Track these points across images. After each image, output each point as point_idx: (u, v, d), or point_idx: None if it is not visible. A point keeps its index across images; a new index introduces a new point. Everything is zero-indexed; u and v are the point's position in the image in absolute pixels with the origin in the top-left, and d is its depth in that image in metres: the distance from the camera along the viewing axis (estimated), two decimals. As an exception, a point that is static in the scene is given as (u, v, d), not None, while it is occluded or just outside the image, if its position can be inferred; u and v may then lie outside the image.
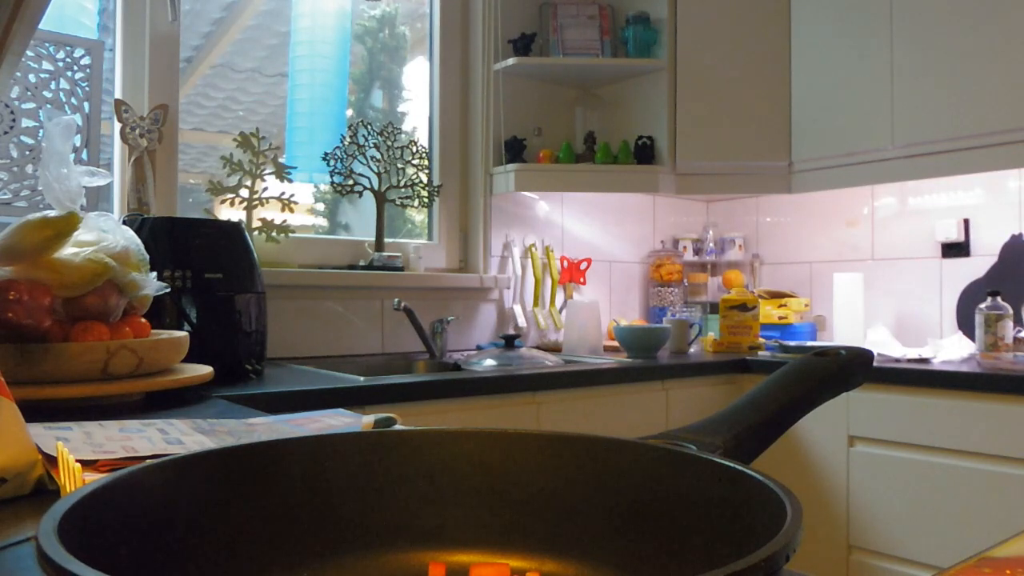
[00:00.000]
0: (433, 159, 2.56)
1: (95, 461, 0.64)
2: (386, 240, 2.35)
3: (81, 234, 1.07)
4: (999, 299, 2.08)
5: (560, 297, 2.69)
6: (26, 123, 1.74)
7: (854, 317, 2.50)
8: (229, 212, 2.07)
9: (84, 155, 1.80)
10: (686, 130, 2.56)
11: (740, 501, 0.37)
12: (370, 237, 2.34)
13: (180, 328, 1.50)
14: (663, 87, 2.58)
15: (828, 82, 2.45)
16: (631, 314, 2.93)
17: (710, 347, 2.53)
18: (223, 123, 2.31)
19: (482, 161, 2.54)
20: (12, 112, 1.72)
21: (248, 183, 2.09)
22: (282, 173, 2.12)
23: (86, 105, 1.83)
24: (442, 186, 2.53)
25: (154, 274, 1.18)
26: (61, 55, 1.80)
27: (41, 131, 1.74)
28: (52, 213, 1.03)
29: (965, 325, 2.37)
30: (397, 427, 0.80)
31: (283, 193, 2.13)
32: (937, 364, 2.03)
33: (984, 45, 2.10)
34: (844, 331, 2.51)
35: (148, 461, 0.41)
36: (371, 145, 2.34)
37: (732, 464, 0.39)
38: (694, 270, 3.01)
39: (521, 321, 2.57)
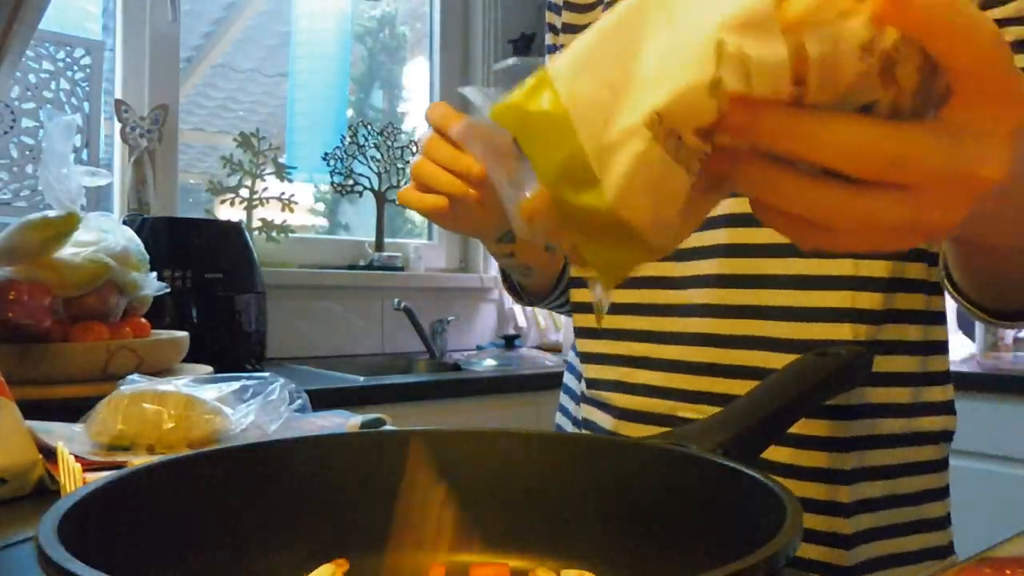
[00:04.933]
0: (433, 159, 2.56)
1: (95, 461, 0.64)
2: (386, 240, 2.35)
3: (81, 234, 1.07)
4: (999, 299, 2.08)
5: (560, 297, 2.69)
6: (26, 123, 1.74)
7: (854, 317, 2.50)
8: (229, 212, 2.07)
9: (84, 155, 1.80)
10: (686, 130, 2.56)
11: (740, 501, 0.37)
12: (370, 237, 2.34)
13: (180, 328, 1.50)
14: (663, 87, 2.57)
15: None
16: (631, 314, 2.92)
17: (710, 347, 2.53)
18: (223, 123, 2.31)
19: (482, 161, 2.54)
20: (12, 112, 1.72)
21: (248, 183, 2.09)
22: (282, 173, 2.12)
23: (86, 105, 1.82)
24: (442, 186, 2.52)
25: (154, 274, 1.18)
26: (61, 55, 1.80)
27: (41, 131, 1.74)
28: (52, 213, 1.03)
29: (965, 325, 2.37)
30: (389, 427, 0.80)
31: (283, 193, 2.13)
32: (937, 364, 2.02)
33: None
34: (844, 331, 2.51)
35: (148, 461, 0.41)
36: (371, 145, 2.34)
37: (732, 464, 0.39)
38: (694, 270, 3.01)
39: (521, 321, 2.57)
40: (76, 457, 0.61)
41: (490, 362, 2.02)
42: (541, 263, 0.77)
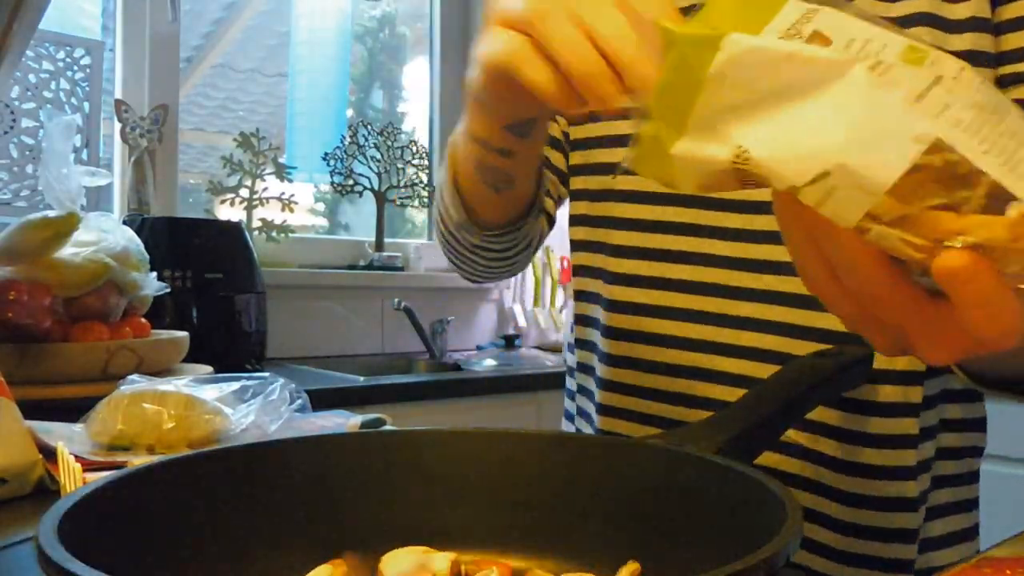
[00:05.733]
0: (433, 159, 2.56)
1: (95, 461, 0.64)
2: (386, 240, 2.35)
3: (81, 234, 1.07)
4: (999, 299, 2.08)
5: (560, 297, 2.69)
6: (26, 123, 1.74)
7: (854, 317, 2.50)
8: (229, 212, 2.07)
9: (84, 155, 1.80)
10: (686, 130, 2.56)
11: (740, 501, 0.37)
12: (370, 237, 2.34)
13: (180, 328, 1.50)
14: (663, 87, 2.57)
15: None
16: (631, 314, 2.92)
17: (710, 347, 2.53)
18: (223, 123, 2.31)
19: (482, 161, 2.54)
20: (12, 112, 1.72)
21: (248, 183, 2.09)
22: (282, 173, 2.12)
23: (86, 105, 1.82)
24: (442, 186, 2.53)
25: (154, 274, 1.18)
26: (61, 55, 1.80)
27: (41, 131, 1.74)
28: (52, 213, 1.03)
29: (965, 325, 2.37)
30: (389, 427, 0.80)
31: (283, 193, 2.13)
32: (937, 364, 2.02)
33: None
34: (844, 331, 2.51)
35: (148, 461, 0.41)
36: (371, 145, 2.34)
37: (732, 464, 0.39)
38: (694, 270, 3.01)
39: (521, 321, 2.57)
40: (76, 457, 0.61)
41: (490, 362, 2.02)
42: (526, 178, 0.65)
